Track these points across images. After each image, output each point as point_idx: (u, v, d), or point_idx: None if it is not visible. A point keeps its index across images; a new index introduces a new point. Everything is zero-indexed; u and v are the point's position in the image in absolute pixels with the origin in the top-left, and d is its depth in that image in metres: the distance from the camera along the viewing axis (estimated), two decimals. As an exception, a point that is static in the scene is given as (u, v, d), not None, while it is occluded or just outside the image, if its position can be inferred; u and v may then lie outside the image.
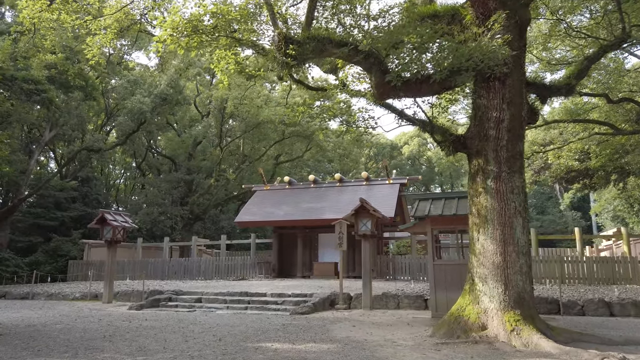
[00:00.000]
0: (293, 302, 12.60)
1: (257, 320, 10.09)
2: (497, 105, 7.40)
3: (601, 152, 21.12)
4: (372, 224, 12.12)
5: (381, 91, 6.66)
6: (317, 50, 6.33)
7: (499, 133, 7.33)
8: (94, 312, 11.60)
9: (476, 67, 6.19)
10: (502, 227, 7.04)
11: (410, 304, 12.42)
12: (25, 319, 10.35)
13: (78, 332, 8.41)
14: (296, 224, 20.20)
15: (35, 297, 15.96)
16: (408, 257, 18.90)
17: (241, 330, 8.41)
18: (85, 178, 27.54)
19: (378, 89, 6.62)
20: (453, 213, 9.83)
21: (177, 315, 11.25)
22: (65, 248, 23.11)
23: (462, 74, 6.23)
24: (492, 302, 6.93)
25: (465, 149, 7.70)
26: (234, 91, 22.41)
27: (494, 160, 7.28)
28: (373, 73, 6.62)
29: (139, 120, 24.37)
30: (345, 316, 10.66)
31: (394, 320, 9.73)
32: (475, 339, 6.64)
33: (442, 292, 10.10)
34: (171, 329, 8.76)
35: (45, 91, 16.03)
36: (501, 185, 7.17)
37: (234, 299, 13.28)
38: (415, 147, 51.77)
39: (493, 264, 7.01)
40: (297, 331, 8.16)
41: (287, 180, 22.47)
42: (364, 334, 7.81)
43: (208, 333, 8.20)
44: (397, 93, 6.78)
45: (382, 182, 20.94)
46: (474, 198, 7.49)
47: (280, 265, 20.92)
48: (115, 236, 14.02)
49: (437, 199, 10.72)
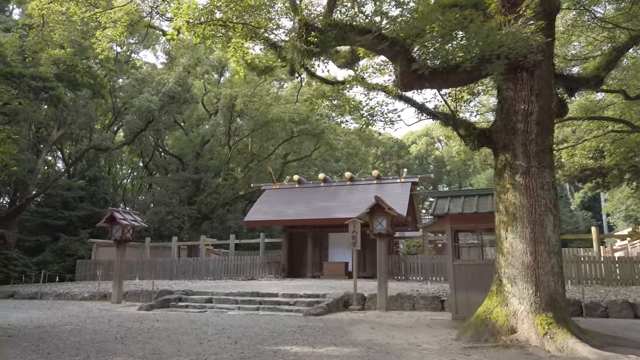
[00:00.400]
0: (306, 303, 12.31)
1: (271, 321, 9.80)
2: (525, 97, 7.06)
3: (615, 150, 20.67)
4: (387, 223, 11.79)
5: (406, 81, 6.34)
6: (339, 37, 6.02)
7: (527, 126, 6.99)
8: (104, 313, 11.37)
9: (509, 55, 5.86)
10: (532, 225, 6.69)
11: (427, 305, 12.09)
12: (34, 319, 10.12)
13: (88, 333, 8.16)
14: (306, 223, 19.91)
15: (43, 297, 15.79)
16: (420, 257, 18.53)
17: (256, 332, 8.12)
18: (93, 177, 27.43)
19: (403, 78, 6.31)
20: (474, 211, 9.48)
21: (188, 316, 10.99)
22: (73, 247, 22.99)
23: (493, 61, 5.89)
24: (522, 304, 6.58)
25: (490, 144, 7.36)
26: (243, 88, 22.13)
27: (523, 155, 6.94)
28: (398, 62, 6.30)
29: (147, 119, 24.18)
30: (361, 317, 10.35)
31: (413, 322, 9.41)
32: (505, 343, 6.30)
33: (462, 293, 9.75)
34: (184, 330, 8.49)
35: (53, 88, 15.84)
36: (530, 181, 6.82)
37: (245, 299, 13.01)
38: (423, 146, 51.37)
39: (523, 264, 6.67)
40: (315, 333, 7.86)
41: (297, 179, 22.18)
42: (385, 336, 7.49)
43: (222, 335, 7.91)
44: (422, 83, 6.46)
45: (393, 181, 20.59)
46: (501, 195, 7.15)
47: (289, 265, 20.63)
48: (124, 235, 13.79)
49: (456, 196, 10.38)
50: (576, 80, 8.12)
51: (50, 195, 25.14)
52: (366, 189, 20.66)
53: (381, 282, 11.66)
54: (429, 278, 17.50)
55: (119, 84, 27.25)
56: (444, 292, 12.77)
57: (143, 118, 23.74)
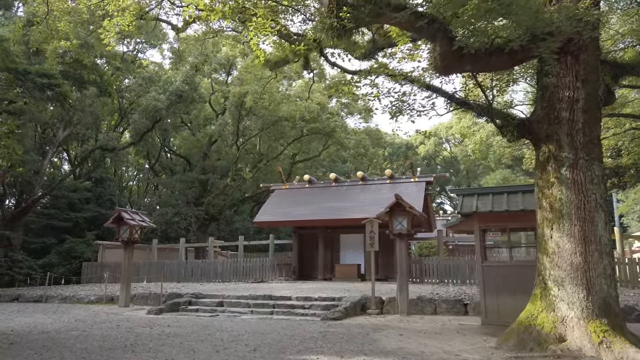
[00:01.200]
0: (321, 307, 11.74)
1: (288, 326, 9.24)
2: (569, 83, 6.47)
3: (633, 149, 20.02)
4: (408, 223, 11.20)
5: (447, 62, 5.78)
6: (373, 14, 5.47)
7: (573, 115, 6.40)
8: (111, 317, 10.85)
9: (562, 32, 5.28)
10: (581, 223, 6.09)
11: (449, 309, 11.50)
12: (39, 324, 9.61)
13: (96, 340, 7.63)
14: (317, 224, 19.35)
15: (49, 300, 15.31)
16: (435, 259, 17.93)
17: (275, 339, 7.56)
18: (99, 179, 27.04)
19: (443, 59, 5.75)
20: (505, 209, 8.88)
21: (200, 320, 10.45)
22: (79, 249, 22.57)
23: (545, 39, 5.32)
24: (571, 309, 5.98)
25: (530, 134, 6.77)
26: (253, 85, 21.62)
27: (569, 146, 6.35)
28: (438, 41, 5.75)
29: (154, 118, 23.73)
30: (383, 322, 9.76)
31: (440, 328, 8.81)
32: (555, 353, 5.70)
33: (492, 297, 9.14)
34: (197, 336, 7.94)
35: (59, 85, 15.41)
36: (579, 175, 6.23)
37: (257, 302, 12.46)
38: (432, 146, 50.60)
39: (571, 265, 6.07)
40: (339, 340, 7.28)
41: (307, 179, 21.64)
42: (416, 344, 6.90)
43: (239, 342, 7.36)
44: (463, 66, 5.91)
45: (407, 180, 19.99)
46: (544, 190, 6.55)
47: (300, 267, 20.07)
48: (132, 236, 13.28)
49: (483, 194, 9.78)
50: (622, 66, 7.52)
51: (56, 197, 24.78)
52: (379, 188, 20.08)
53: (402, 285, 11.07)
54: (444, 280, 16.95)
55: (125, 84, 26.88)
56: (465, 296, 12.18)
57: (150, 117, 23.29)
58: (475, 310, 11.10)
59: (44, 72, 15.05)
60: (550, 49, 5.50)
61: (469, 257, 19.26)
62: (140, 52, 27.96)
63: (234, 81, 26.84)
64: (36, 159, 23.16)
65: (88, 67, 15.94)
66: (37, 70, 14.89)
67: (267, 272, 19.50)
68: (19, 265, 20.48)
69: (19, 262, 20.51)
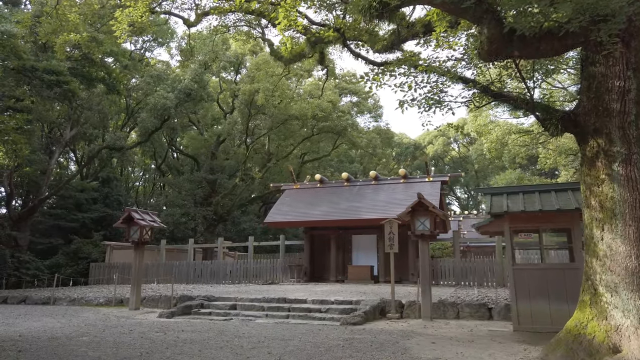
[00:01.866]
0: (339, 310, 11.29)
1: (308, 332, 8.79)
2: (619, 72, 5.99)
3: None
4: (430, 223, 10.73)
5: (494, 47, 5.31)
6: (418, -8, 5.06)
7: (624, 106, 5.91)
8: (123, 321, 10.44)
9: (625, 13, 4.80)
10: (636, 224, 5.60)
11: (472, 313, 11.00)
12: (47, 329, 9.21)
13: (109, 346, 7.22)
14: (329, 224, 18.91)
15: (56, 303, 14.95)
16: (451, 261, 17.44)
17: (298, 347, 7.11)
18: (106, 179, 26.73)
19: (491, 44, 5.28)
20: (538, 209, 8.39)
21: (214, 324, 10.02)
22: (86, 250, 22.25)
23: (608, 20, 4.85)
24: (627, 317, 5.49)
25: (576, 128, 6.28)
26: (264, 82, 21.17)
27: (621, 140, 5.86)
28: (485, 24, 5.29)
29: (162, 117, 23.35)
30: (407, 328, 9.29)
31: (470, 334, 8.33)
32: (613, 366, 5.21)
33: (524, 302, 8.64)
34: (214, 343, 7.51)
35: (67, 82, 15.06)
36: (633, 171, 5.74)
37: (272, 305, 12.03)
38: (440, 146, 50.07)
39: (626, 269, 5.58)
40: (368, 349, 6.82)
41: (319, 179, 21.20)
42: (453, 354, 6.42)
43: (261, 350, 6.92)
44: (511, 51, 5.43)
45: (421, 180, 19.50)
46: (593, 187, 6.07)
47: (311, 268, 19.64)
48: (142, 236, 12.87)
49: (512, 193, 9.30)
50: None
51: (63, 197, 24.49)
52: (393, 188, 19.61)
53: (425, 288, 10.58)
54: (460, 282, 16.48)
55: (132, 83, 26.56)
56: (488, 299, 11.68)
57: (158, 116, 22.91)
58: (501, 315, 10.61)
59: (51, 68, 14.69)
60: (612, 32, 5.02)
61: (488, 259, 18.78)
62: (148, 50, 27.66)
63: (243, 79, 26.43)
64: (43, 158, 22.89)
65: (97, 63, 15.57)
66: (44, 66, 14.53)
67: (277, 273, 19.08)
68: (26, 266, 20.18)
69: (26, 263, 20.22)
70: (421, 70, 6.98)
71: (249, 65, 26.13)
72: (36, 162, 22.13)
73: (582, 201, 6.30)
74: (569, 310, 8.26)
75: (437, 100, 6.46)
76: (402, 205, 16.05)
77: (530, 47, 5.43)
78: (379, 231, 17.87)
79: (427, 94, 6.43)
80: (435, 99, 6.42)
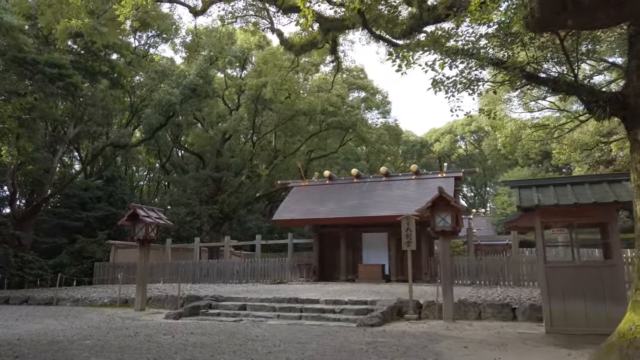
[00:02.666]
0: (354, 311, 10.74)
1: (325, 334, 8.25)
2: (674, 48, 5.40)
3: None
4: (452, 219, 10.15)
5: (545, 15, 4.74)
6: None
7: (681, 85, 5.33)
8: (128, 323, 9.93)
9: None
10: (699, 214, 5.02)
11: (495, 314, 10.44)
12: (49, 332, 8.71)
13: (113, 351, 6.70)
14: (339, 222, 18.32)
15: (60, 303, 14.49)
16: (466, 259, 16.86)
17: (317, 351, 6.57)
18: (110, 177, 26.29)
19: (542, 10, 4.70)
20: (573, 202, 7.79)
21: (224, 326, 9.49)
22: (90, 249, 21.83)
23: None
24: (690, 319, 4.90)
25: (625, 110, 5.69)
26: (272, 75, 20.61)
27: (678, 123, 5.27)
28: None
29: (167, 113, 22.86)
30: (429, 330, 8.72)
31: (499, 337, 7.75)
32: (678, 374, 4.63)
33: (558, 302, 8.05)
34: (226, 347, 6.97)
35: (70, 76, 14.59)
36: (693, 157, 5.16)
37: (283, 306, 11.50)
38: (447, 144, 49.34)
39: (687, 265, 4.99)
40: (395, 355, 6.26)
41: (328, 175, 20.65)
42: None
43: (277, 355, 6.38)
44: (563, 20, 4.87)
45: (434, 176, 18.92)
46: (646, 175, 5.48)
47: (321, 267, 19.08)
48: (148, 234, 12.38)
49: (542, 186, 8.70)
50: None
51: (67, 196, 24.08)
52: (404, 184, 19.04)
53: (447, 288, 10.01)
54: (475, 281, 15.89)
55: (136, 81, 26.12)
56: (510, 299, 11.08)
57: (163, 112, 22.42)
58: (525, 316, 10.04)
59: (53, 61, 14.23)
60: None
61: (502, 257, 18.16)
62: (152, 46, 27.17)
63: (249, 74, 25.91)
64: (47, 157, 22.51)
65: (100, 57, 15.10)
66: (46, 59, 14.07)
67: (286, 272, 18.56)
68: (30, 265, 19.78)
69: (29, 263, 19.82)
70: (452, 52, 6.41)
71: (255, 59, 25.61)
72: (40, 160, 21.73)
73: (634, 191, 5.71)
74: (606, 311, 7.69)
75: (470, 79, 5.89)
76: (415, 202, 15.48)
77: (585, 16, 4.85)
78: (390, 229, 17.33)
79: (457, 76, 5.88)
80: (469, 78, 5.87)
